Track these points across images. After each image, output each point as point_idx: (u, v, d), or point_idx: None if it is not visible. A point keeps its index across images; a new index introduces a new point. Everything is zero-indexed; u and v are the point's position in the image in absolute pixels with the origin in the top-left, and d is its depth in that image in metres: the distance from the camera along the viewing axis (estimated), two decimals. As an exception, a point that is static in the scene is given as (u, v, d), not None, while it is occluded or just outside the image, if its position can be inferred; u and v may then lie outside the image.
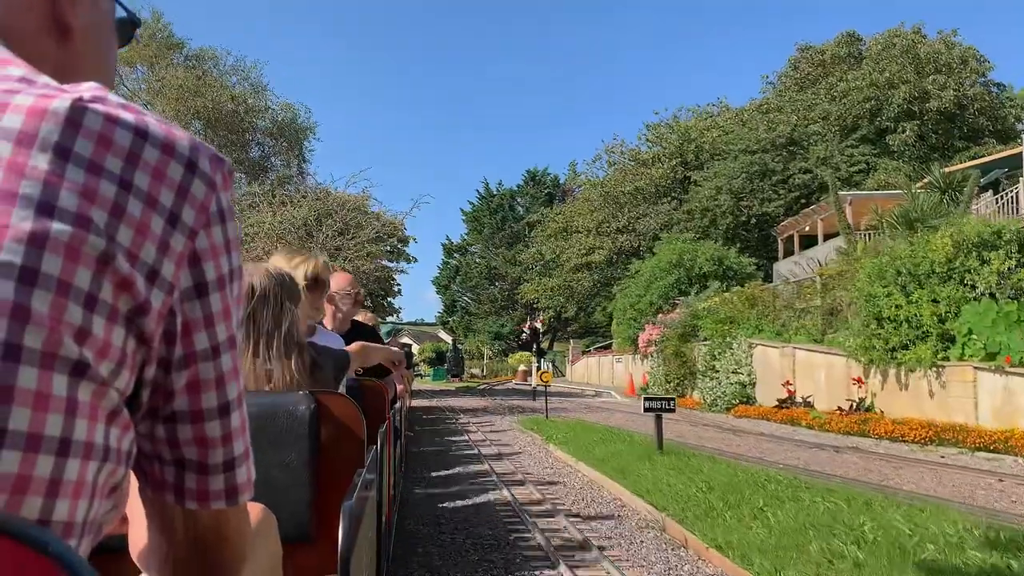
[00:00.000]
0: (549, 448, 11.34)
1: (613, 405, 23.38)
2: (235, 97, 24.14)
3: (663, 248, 30.78)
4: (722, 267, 28.85)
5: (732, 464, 8.35)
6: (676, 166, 42.70)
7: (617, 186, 43.69)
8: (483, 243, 65.57)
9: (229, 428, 0.67)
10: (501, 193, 66.43)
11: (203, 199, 0.61)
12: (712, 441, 12.34)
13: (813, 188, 37.79)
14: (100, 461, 0.56)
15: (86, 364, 0.54)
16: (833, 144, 37.93)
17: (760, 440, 12.66)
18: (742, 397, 18.71)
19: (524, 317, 61.92)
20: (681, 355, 22.71)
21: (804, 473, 7.99)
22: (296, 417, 1.86)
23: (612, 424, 14.89)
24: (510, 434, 13.90)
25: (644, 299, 29.67)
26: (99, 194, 0.55)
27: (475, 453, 11.26)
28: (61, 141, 0.54)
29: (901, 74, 37.19)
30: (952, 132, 37.93)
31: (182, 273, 0.61)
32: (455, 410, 20.59)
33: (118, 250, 0.55)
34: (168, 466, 0.66)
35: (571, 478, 8.81)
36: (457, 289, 68.46)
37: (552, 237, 46.91)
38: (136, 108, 0.60)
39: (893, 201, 26.83)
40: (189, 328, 0.62)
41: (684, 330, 23.01)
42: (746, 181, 38.32)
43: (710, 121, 43.95)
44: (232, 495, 0.68)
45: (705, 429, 14.78)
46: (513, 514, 6.54)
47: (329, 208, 19.39)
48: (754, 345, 19.00)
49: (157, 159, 0.59)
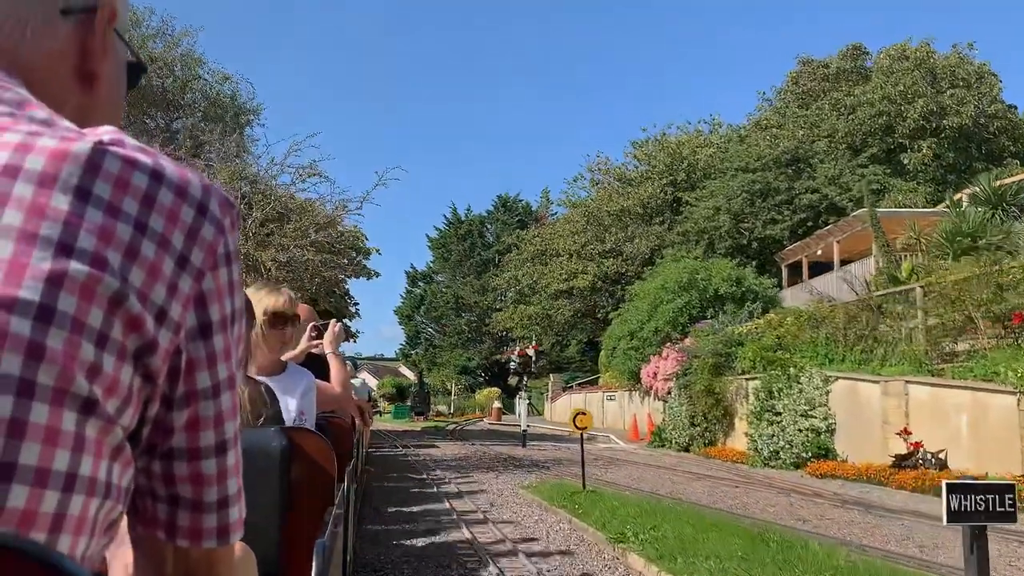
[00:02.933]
0: (630, 561, 5.95)
1: (625, 455, 18.04)
2: (154, 58, 18.66)
3: (667, 268, 25.80)
4: (741, 288, 23.94)
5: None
6: (666, 185, 38.10)
7: (602, 206, 38.89)
8: (450, 271, 60.26)
9: (225, 466, 0.66)
10: (470, 219, 61.40)
11: (212, 241, 0.61)
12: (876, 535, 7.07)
13: (821, 210, 33.42)
14: (102, 498, 0.55)
15: (95, 401, 0.53)
16: (843, 162, 33.69)
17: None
18: (817, 448, 13.57)
19: (493, 350, 56.45)
20: (713, 392, 17.57)
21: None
22: (268, 454, 1.79)
23: (670, 493, 9.62)
24: (527, 515, 8.49)
25: (648, 326, 24.57)
26: (116, 235, 0.55)
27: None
28: (81, 183, 0.55)
29: (917, 88, 33.24)
30: (970, 152, 34.01)
31: (188, 314, 0.60)
32: (427, 463, 15.07)
33: (131, 290, 0.55)
34: (161, 503, 0.64)
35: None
36: (421, 320, 62.86)
37: (529, 261, 41.79)
38: (152, 152, 0.60)
39: (927, 220, 22.57)
40: (192, 367, 0.62)
41: (715, 360, 17.90)
42: (747, 201, 33.79)
43: (702, 139, 39.60)
44: (224, 534, 0.67)
45: (820, 505, 9.51)
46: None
47: (260, 192, 14.02)
48: (832, 379, 13.94)
49: (171, 202, 0.59)
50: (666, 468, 14.40)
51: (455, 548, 6.76)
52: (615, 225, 38.21)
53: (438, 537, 7.28)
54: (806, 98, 37.46)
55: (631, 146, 40.66)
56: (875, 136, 34.53)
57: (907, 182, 33.03)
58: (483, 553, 6.45)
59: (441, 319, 59.81)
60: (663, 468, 14.41)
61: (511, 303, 44.62)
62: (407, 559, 6.29)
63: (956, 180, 33.45)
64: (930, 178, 33.50)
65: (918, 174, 33.55)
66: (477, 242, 60.10)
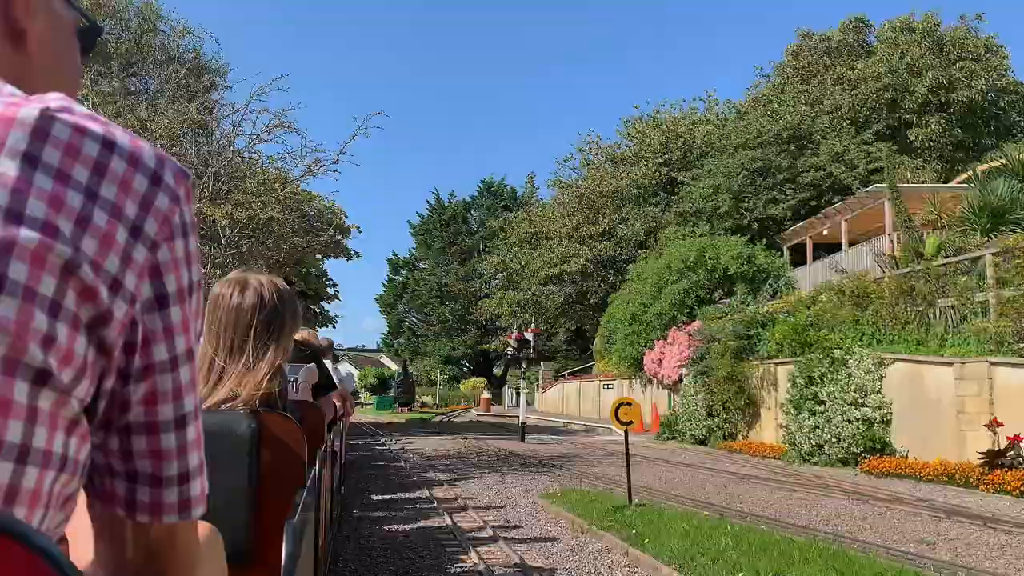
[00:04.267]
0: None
1: (637, 450, 15.96)
2: (102, 4, 16.22)
3: (672, 246, 23.72)
4: (752, 267, 21.95)
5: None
6: (660, 165, 36.05)
7: (594, 187, 36.77)
8: (433, 258, 57.92)
9: (185, 441, 0.64)
10: (453, 204, 59.06)
11: (166, 211, 0.59)
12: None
13: (824, 188, 31.55)
14: (57, 471, 0.53)
15: (49, 372, 0.52)
16: (847, 139, 31.80)
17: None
18: (871, 442, 11.58)
19: (479, 339, 54.26)
20: (735, 379, 15.54)
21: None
22: (237, 436, 1.75)
23: (726, 502, 7.55)
24: (558, 535, 6.33)
25: (652, 309, 22.51)
26: (66, 203, 0.53)
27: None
28: (29, 150, 0.53)
29: (924, 60, 31.38)
30: (979, 128, 32.26)
31: (143, 284, 0.58)
32: (415, 460, 12.89)
33: (83, 259, 0.53)
34: (120, 479, 0.63)
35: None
36: (404, 308, 60.50)
37: (517, 245, 39.60)
38: (103, 120, 0.58)
39: (946, 196, 20.80)
40: (149, 340, 0.60)
41: (738, 344, 15.87)
42: (747, 179, 31.83)
43: (697, 116, 37.57)
44: (185, 508, 0.65)
45: (919, 517, 7.45)
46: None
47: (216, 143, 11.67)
48: (888, 362, 11.94)
49: (124, 170, 0.57)
50: (695, 466, 12.34)
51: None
52: (608, 206, 36.13)
53: (440, 562, 5.15)
54: (806, 73, 35.50)
55: (623, 124, 38.51)
56: (880, 112, 32.67)
57: (914, 159, 31.24)
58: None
59: (424, 308, 57.51)
60: (691, 466, 12.35)
61: (498, 289, 42.45)
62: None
63: (964, 158, 31.77)
64: (937, 155, 31.73)
65: (925, 151, 31.76)
66: (461, 228, 57.81)
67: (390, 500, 8.64)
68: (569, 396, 31.90)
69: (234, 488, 1.72)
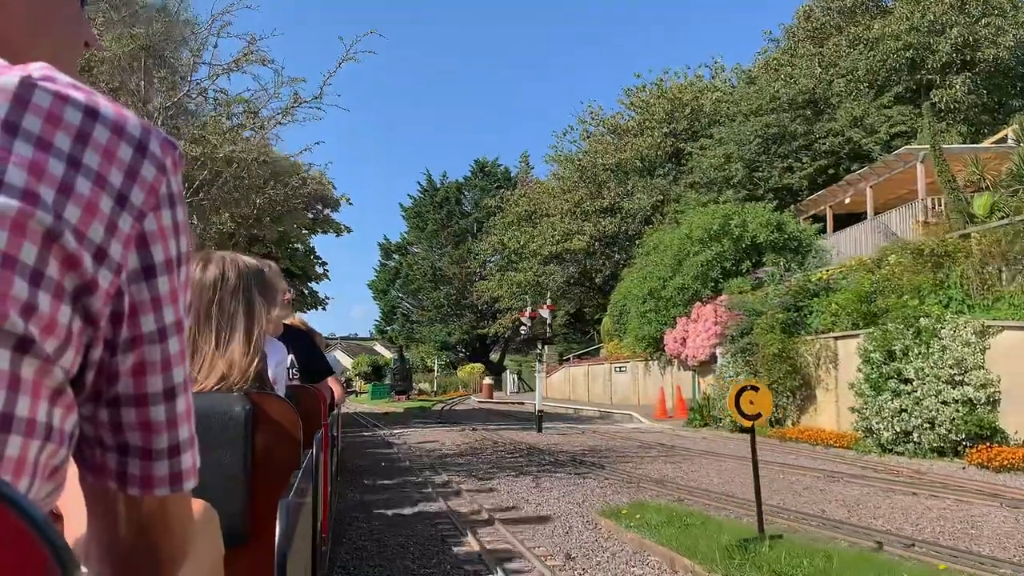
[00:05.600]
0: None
1: (671, 439, 13.80)
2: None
3: (693, 215, 21.49)
4: (783, 235, 19.82)
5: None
6: (666, 135, 33.83)
7: (596, 160, 34.52)
8: (426, 241, 55.53)
9: (175, 413, 0.62)
10: (446, 186, 56.64)
11: (152, 181, 0.58)
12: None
13: (843, 155, 29.43)
14: (42, 440, 0.52)
15: (31, 340, 0.50)
16: (866, 102, 29.66)
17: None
18: (975, 427, 9.48)
19: (474, 324, 52.06)
20: (787, 357, 13.40)
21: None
22: (231, 418, 1.71)
23: (848, 519, 5.41)
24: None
25: (672, 283, 20.35)
26: (47, 171, 0.52)
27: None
28: (9, 117, 0.52)
29: (947, 17, 29.20)
30: (1006, 88, 30.17)
31: (130, 254, 0.57)
32: (422, 458, 10.68)
33: (65, 227, 0.52)
34: (110, 452, 0.61)
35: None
36: (397, 294, 58.20)
37: (515, 224, 37.33)
38: (87, 88, 0.57)
39: (987, 156, 18.84)
40: (136, 310, 0.58)
41: (787, 317, 13.74)
42: (761, 147, 29.71)
43: (705, 83, 35.33)
44: (176, 481, 0.64)
45: None
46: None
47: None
48: (994, 330, 9.82)
49: (107, 139, 0.55)
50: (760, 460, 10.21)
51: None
52: (611, 180, 33.90)
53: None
54: (819, 35, 33.28)
55: (624, 94, 36.22)
56: (900, 73, 30.50)
57: (937, 122, 29.12)
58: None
59: (418, 292, 55.22)
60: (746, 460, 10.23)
61: (496, 270, 40.23)
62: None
63: (990, 120, 29.72)
64: (962, 118, 29.62)
65: (948, 114, 29.65)
66: (454, 210, 55.43)
67: (396, 518, 6.46)
68: (576, 380, 29.76)
69: (229, 470, 1.67)
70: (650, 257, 22.52)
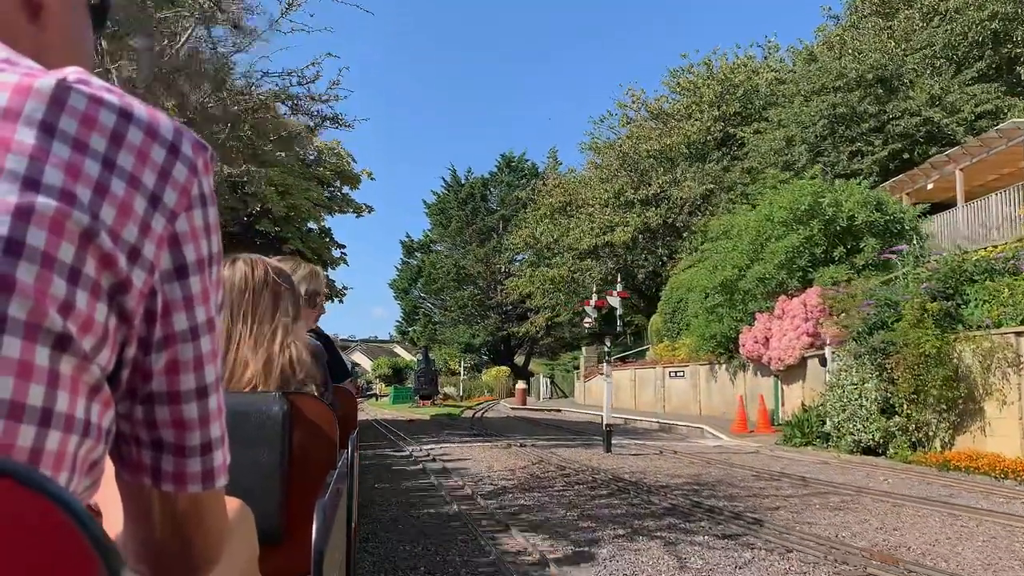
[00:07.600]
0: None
1: (784, 464, 10.42)
2: None
3: (775, 193, 18.15)
4: (884, 216, 16.47)
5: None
6: (717, 119, 30.52)
7: (638, 145, 31.26)
8: (450, 239, 52.54)
9: (207, 411, 0.63)
10: (471, 182, 53.63)
11: (184, 182, 0.59)
12: None
13: (919, 139, 25.95)
14: (81, 436, 0.53)
15: (69, 337, 0.51)
16: (947, 78, 26.21)
17: None
18: None
19: (499, 325, 48.87)
20: (947, 361, 10.07)
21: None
22: (269, 417, 1.67)
23: None
24: None
25: (752, 272, 17.05)
26: (83, 171, 0.53)
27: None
28: (46, 118, 0.52)
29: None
30: (1103, 63, 26.58)
31: (163, 254, 0.58)
32: (464, 492, 7.46)
33: (101, 227, 0.53)
34: (145, 448, 0.62)
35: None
36: (419, 294, 55.27)
37: (548, 216, 34.13)
38: (120, 91, 0.58)
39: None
40: (169, 309, 0.59)
41: (940, 307, 10.41)
42: (827, 128, 26.35)
43: (757, 64, 31.99)
44: (208, 479, 0.64)
45: None
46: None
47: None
48: None
49: (141, 140, 0.56)
50: (956, 506, 6.89)
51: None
52: (657, 168, 30.61)
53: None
54: (887, 8, 29.86)
55: (669, 75, 32.96)
56: (983, 47, 27.02)
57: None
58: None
59: (441, 292, 52.21)
60: (953, 507, 6.91)
61: (527, 266, 37.03)
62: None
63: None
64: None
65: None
66: (479, 207, 52.39)
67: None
68: (621, 386, 26.46)
69: (265, 469, 1.64)
70: (718, 243, 19.20)
